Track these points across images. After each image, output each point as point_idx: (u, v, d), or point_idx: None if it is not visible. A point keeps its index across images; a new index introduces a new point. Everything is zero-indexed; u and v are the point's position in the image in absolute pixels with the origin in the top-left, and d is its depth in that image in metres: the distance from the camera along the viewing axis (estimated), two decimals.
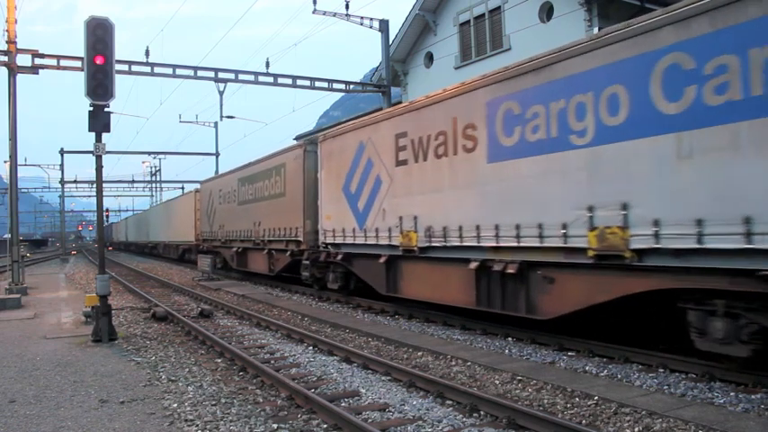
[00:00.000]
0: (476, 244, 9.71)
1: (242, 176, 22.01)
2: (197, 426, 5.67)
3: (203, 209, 27.85)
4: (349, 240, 13.55)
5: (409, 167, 11.48)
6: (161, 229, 41.26)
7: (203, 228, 27.71)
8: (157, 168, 62.88)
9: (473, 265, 9.80)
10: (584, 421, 5.79)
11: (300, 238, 16.12)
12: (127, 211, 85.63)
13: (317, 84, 21.92)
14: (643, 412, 5.84)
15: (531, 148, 8.62)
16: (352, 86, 23.16)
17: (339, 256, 14.17)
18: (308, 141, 16.55)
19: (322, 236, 14.84)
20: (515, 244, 8.90)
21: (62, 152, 44.78)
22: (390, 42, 22.67)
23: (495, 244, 9.31)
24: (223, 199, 24.42)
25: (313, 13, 20.81)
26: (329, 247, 14.64)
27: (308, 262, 15.82)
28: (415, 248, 11.15)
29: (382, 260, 12.35)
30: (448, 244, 10.33)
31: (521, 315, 9.14)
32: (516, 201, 8.93)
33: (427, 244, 10.87)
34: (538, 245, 8.49)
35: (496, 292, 9.58)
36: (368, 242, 12.79)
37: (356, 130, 13.53)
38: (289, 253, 17.17)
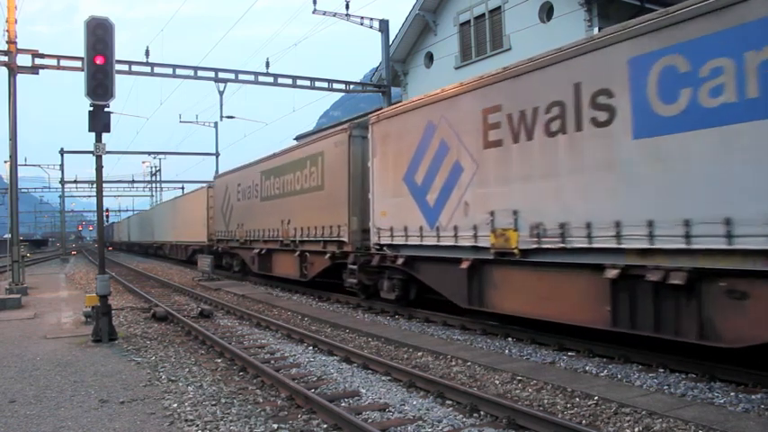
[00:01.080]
0: (614, 246, 7.47)
1: (266, 169, 19.50)
2: (197, 426, 5.67)
3: (218, 206, 25.22)
4: (413, 241, 11.36)
5: (505, 150, 9.21)
6: (167, 229, 38.75)
7: (217, 227, 25.23)
8: (157, 168, 62.92)
9: (611, 273, 7.50)
10: (584, 421, 5.80)
11: (344, 239, 13.91)
12: (127, 211, 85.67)
13: (317, 84, 21.93)
14: (643, 412, 5.84)
15: (709, 118, 6.47)
16: (352, 86, 23.16)
17: (399, 260, 11.85)
18: (354, 125, 13.98)
19: (374, 236, 12.55)
20: (682, 246, 6.72)
21: (62, 152, 44.79)
22: (390, 42, 22.67)
23: (646, 246, 7.11)
24: (242, 195, 21.83)
25: (313, 13, 20.82)
26: (385, 248, 12.38)
27: (354, 266, 13.43)
28: (515, 251, 8.98)
29: (464, 265, 10.06)
30: (568, 245, 8.12)
31: (688, 341, 7.00)
32: (683, 188, 6.76)
33: (534, 245, 8.66)
34: (722, 247, 6.35)
35: (646, 310, 7.33)
36: (442, 243, 10.61)
37: (422, 108, 11.23)
38: (328, 255, 14.84)
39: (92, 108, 9.89)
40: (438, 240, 10.72)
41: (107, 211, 64.74)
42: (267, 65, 21.41)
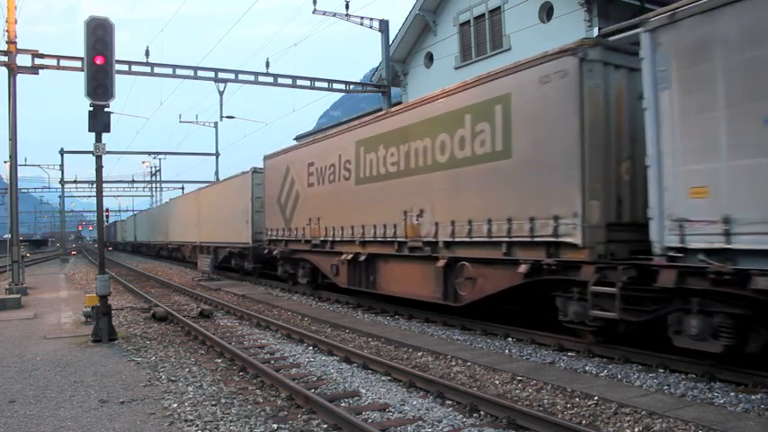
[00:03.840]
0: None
1: (369, 136, 13.35)
2: (197, 426, 5.67)
3: (271, 196, 18.86)
4: None
5: None
6: (187, 227, 32.34)
7: (270, 223, 18.76)
8: (157, 168, 62.86)
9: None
10: (584, 421, 5.80)
11: (572, 238, 8.23)
12: (127, 211, 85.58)
13: (317, 84, 21.91)
14: (643, 412, 5.84)
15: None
16: (352, 86, 23.15)
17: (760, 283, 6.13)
18: (592, 43, 8.42)
19: (672, 231, 6.98)
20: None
21: (62, 152, 44.78)
22: (390, 42, 22.67)
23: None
24: (319, 178, 15.60)
25: (313, 13, 20.81)
26: (705, 257, 6.70)
27: (609, 290, 7.75)
28: None
29: None
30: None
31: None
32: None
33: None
34: None
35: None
36: None
37: None
38: (524, 267, 8.99)
39: (92, 108, 9.89)
40: None
41: (107, 211, 64.73)
42: (267, 65, 21.41)
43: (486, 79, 9.90)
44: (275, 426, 5.76)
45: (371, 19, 21.90)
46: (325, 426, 5.84)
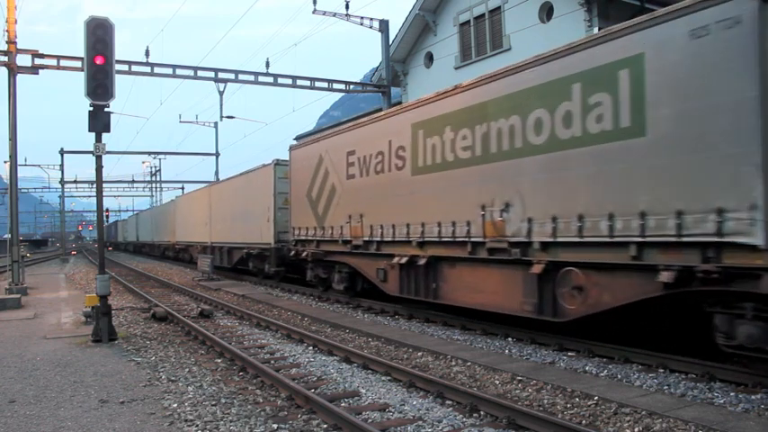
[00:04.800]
0: None
1: (426, 118, 11.16)
2: (197, 426, 5.67)
3: (299, 190, 16.53)
4: None
5: None
6: (197, 226, 29.97)
7: (299, 221, 16.47)
8: (157, 168, 62.92)
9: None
10: (584, 421, 5.80)
11: (749, 238, 6.27)
12: (127, 211, 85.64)
13: (317, 84, 21.93)
14: (643, 412, 5.84)
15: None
16: (352, 86, 23.16)
17: None
18: None
19: None
20: None
21: (62, 152, 44.82)
22: (390, 42, 22.68)
23: None
24: (361, 168, 13.38)
25: (313, 13, 20.82)
26: None
27: None
28: None
29: None
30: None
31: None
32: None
33: None
34: None
35: None
36: None
37: None
38: (669, 276, 6.92)
39: (92, 108, 9.89)
40: None
41: (107, 211, 64.72)
42: (267, 65, 21.42)
43: (603, 38, 7.80)
44: (275, 426, 5.76)
45: (371, 19, 21.92)
46: (325, 426, 5.84)
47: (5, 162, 22.98)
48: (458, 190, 10.29)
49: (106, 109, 10.02)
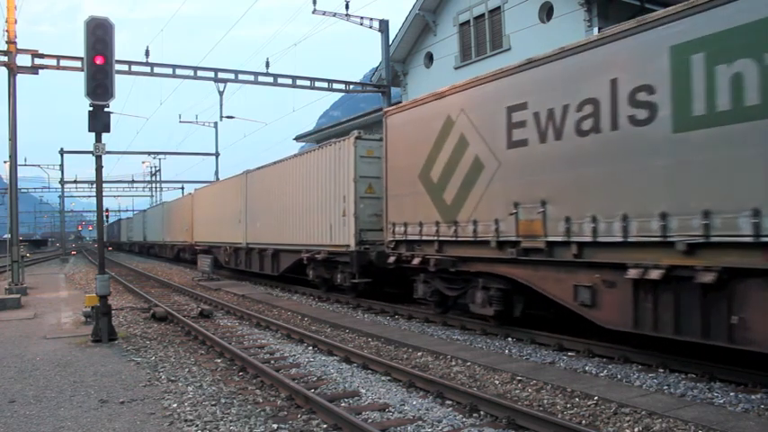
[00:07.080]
0: None
1: (700, 35, 6.58)
2: (197, 426, 5.68)
3: (401, 170, 12.22)
4: None
5: None
6: (224, 224, 24.92)
7: (401, 214, 12.05)
8: (157, 168, 62.94)
9: None
10: (583, 421, 5.80)
11: None
12: (127, 210, 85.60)
13: (317, 84, 21.92)
14: (643, 412, 5.84)
15: None
16: (352, 86, 23.15)
17: None
18: None
19: None
20: None
21: (62, 152, 44.85)
22: (390, 42, 22.68)
23: None
24: (541, 129, 8.74)
25: (313, 13, 20.81)
26: None
27: None
28: None
29: None
30: None
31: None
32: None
33: None
34: None
35: None
36: None
37: None
38: None
39: (92, 108, 9.89)
40: None
41: (107, 211, 64.72)
42: (267, 65, 21.41)
43: None
44: (275, 426, 5.76)
45: (371, 19, 21.91)
46: (324, 426, 5.84)
47: (5, 162, 22.98)
48: None
49: (106, 109, 10.02)
